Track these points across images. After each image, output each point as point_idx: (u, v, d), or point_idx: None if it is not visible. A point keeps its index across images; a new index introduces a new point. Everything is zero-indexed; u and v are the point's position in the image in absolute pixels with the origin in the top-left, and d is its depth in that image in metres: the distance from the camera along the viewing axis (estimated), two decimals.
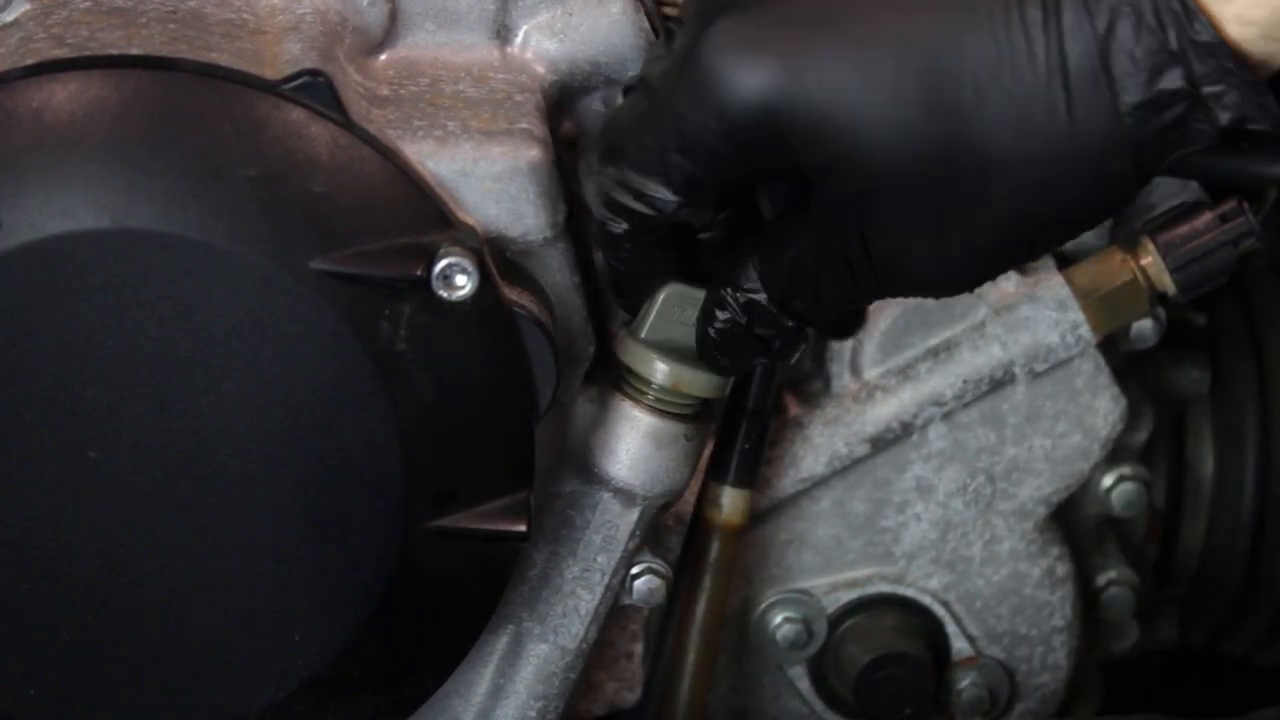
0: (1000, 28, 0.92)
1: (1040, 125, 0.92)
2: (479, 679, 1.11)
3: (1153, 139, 0.92)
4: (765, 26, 0.94)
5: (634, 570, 1.12)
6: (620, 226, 1.00)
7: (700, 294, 1.05)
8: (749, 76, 0.93)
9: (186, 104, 0.93)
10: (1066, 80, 0.92)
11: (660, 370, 1.06)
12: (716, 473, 1.15)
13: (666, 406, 1.06)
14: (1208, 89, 0.91)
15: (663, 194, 0.97)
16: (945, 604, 1.24)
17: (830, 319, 1.03)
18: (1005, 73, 0.92)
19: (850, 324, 1.12)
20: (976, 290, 1.17)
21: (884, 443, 1.20)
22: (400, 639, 1.00)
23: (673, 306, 1.05)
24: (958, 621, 1.24)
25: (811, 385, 1.22)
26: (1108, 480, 1.28)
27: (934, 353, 1.20)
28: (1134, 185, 0.94)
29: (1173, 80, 0.91)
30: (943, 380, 1.19)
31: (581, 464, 1.08)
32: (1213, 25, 0.90)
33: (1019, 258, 0.99)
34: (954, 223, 0.94)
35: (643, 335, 1.06)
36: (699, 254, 1.05)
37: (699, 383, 1.06)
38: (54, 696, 0.98)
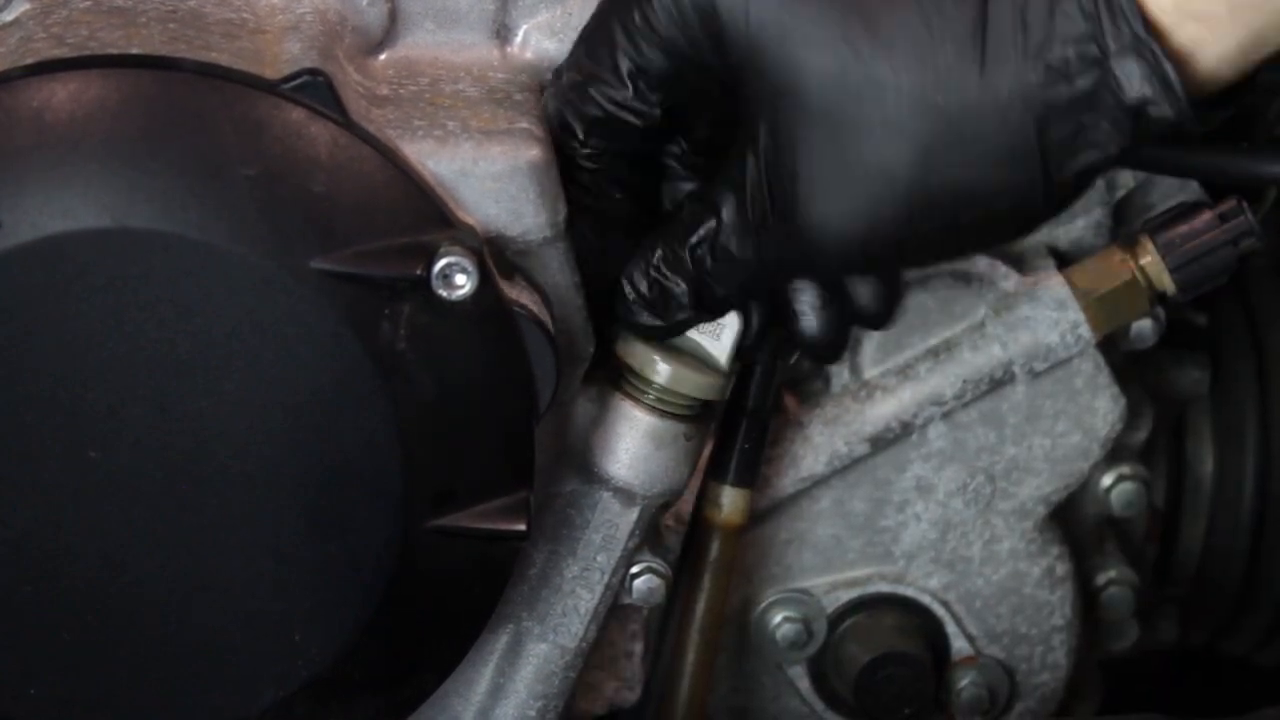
0: None
1: (948, 68, 0.92)
2: (479, 678, 1.11)
3: (1062, 113, 0.91)
4: None
5: (634, 569, 1.12)
6: (574, 135, 1.01)
7: None
8: None
9: (186, 104, 0.93)
10: (984, 27, 0.91)
11: (661, 370, 1.06)
12: (716, 472, 1.15)
13: (666, 406, 1.06)
14: (1116, 59, 0.90)
15: (613, 90, 0.99)
16: (945, 603, 1.24)
17: (733, 282, 1.01)
18: (927, 6, 0.92)
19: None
20: (975, 290, 1.18)
21: (884, 442, 1.21)
22: (400, 639, 1.00)
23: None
24: (957, 621, 1.24)
25: (811, 384, 1.22)
26: (1107, 480, 1.28)
27: (934, 352, 1.20)
28: (1038, 181, 0.93)
29: (1084, 42, 0.90)
30: (942, 380, 1.19)
31: (581, 463, 1.08)
32: None
33: (908, 238, 0.96)
34: (849, 156, 0.93)
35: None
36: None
37: (699, 384, 1.06)
38: (54, 696, 0.98)
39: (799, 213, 0.96)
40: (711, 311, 1.04)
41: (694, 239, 1.01)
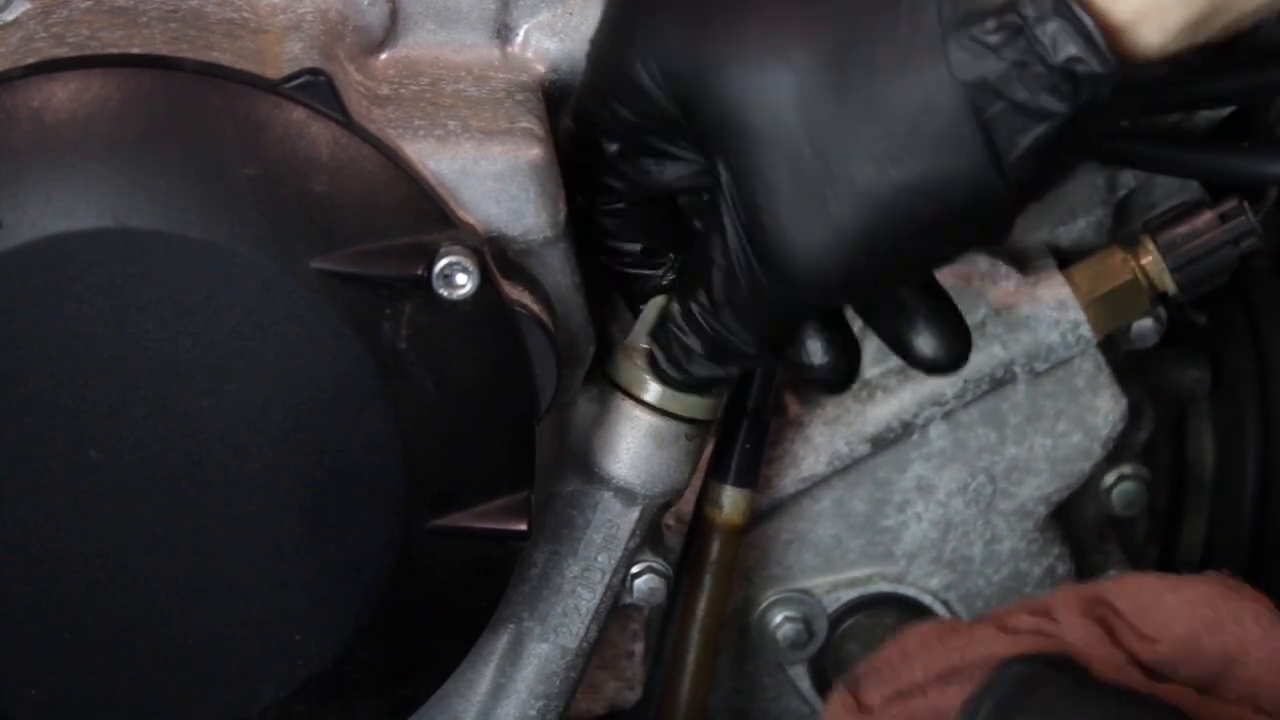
0: None
1: (868, 67, 0.91)
2: (480, 678, 1.11)
3: (994, 89, 0.89)
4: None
5: (635, 569, 1.12)
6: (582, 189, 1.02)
7: None
8: (645, 34, 0.96)
9: (187, 103, 0.93)
10: (909, 10, 0.90)
11: (652, 390, 1.06)
12: (717, 472, 1.15)
13: (664, 404, 1.06)
14: (1038, 26, 0.88)
15: (598, 147, 1.00)
16: (946, 603, 1.24)
17: (742, 328, 1.00)
18: (838, 8, 0.91)
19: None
20: (976, 290, 1.18)
21: (884, 442, 1.20)
22: (401, 639, 1.00)
23: (657, 313, 1.06)
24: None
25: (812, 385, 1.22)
26: (1108, 479, 1.28)
27: None
28: (984, 160, 0.90)
29: (1004, 12, 0.88)
30: (943, 379, 1.19)
31: (582, 463, 1.08)
32: None
33: (881, 247, 0.94)
34: (803, 176, 0.93)
35: (628, 341, 1.06)
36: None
37: (689, 404, 1.06)
38: (54, 697, 0.98)
39: (773, 245, 0.95)
40: (736, 364, 1.03)
41: (699, 293, 1.00)
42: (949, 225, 0.93)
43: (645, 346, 1.05)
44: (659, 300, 1.05)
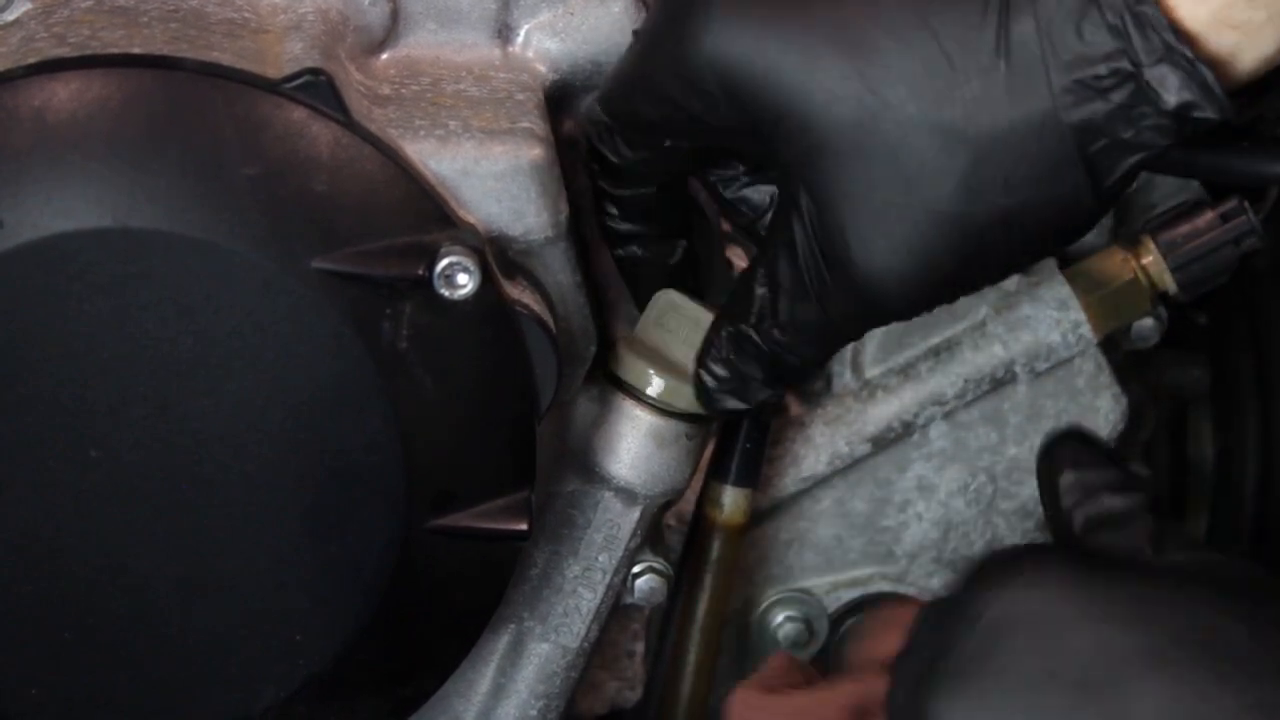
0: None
1: (977, 100, 0.91)
2: (480, 678, 1.11)
3: (1100, 128, 0.91)
4: None
5: (635, 569, 1.12)
6: (602, 182, 1.02)
7: (691, 307, 1.05)
8: (706, 28, 0.95)
9: (188, 103, 0.93)
10: (1009, 54, 0.91)
11: (656, 384, 1.05)
12: (718, 472, 1.15)
13: (666, 408, 1.06)
14: (1150, 70, 0.89)
15: (633, 151, 1.00)
16: None
17: (808, 348, 1.01)
18: (949, 44, 0.91)
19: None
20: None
21: (885, 442, 1.20)
22: (401, 639, 1.00)
23: (661, 311, 1.06)
24: None
25: (813, 384, 1.22)
26: None
27: (935, 352, 1.20)
28: (1084, 191, 0.92)
29: (1115, 57, 0.89)
30: (944, 379, 1.19)
31: (583, 463, 1.08)
32: (1161, 5, 0.89)
33: (968, 270, 0.96)
34: (892, 201, 0.93)
35: (634, 334, 1.06)
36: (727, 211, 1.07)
37: (691, 399, 1.06)
38: (54, 697, 0.98)
39: (855, 266, 0.95)
40: (794, 382, 1.03)
41: (755, 315, 1.00)
42: (1035, 242, 0.95)
43: (649, 339, 1.05)
44: (667, 293, 1.05)
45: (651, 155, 1.01)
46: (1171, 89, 0.89)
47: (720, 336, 1.02)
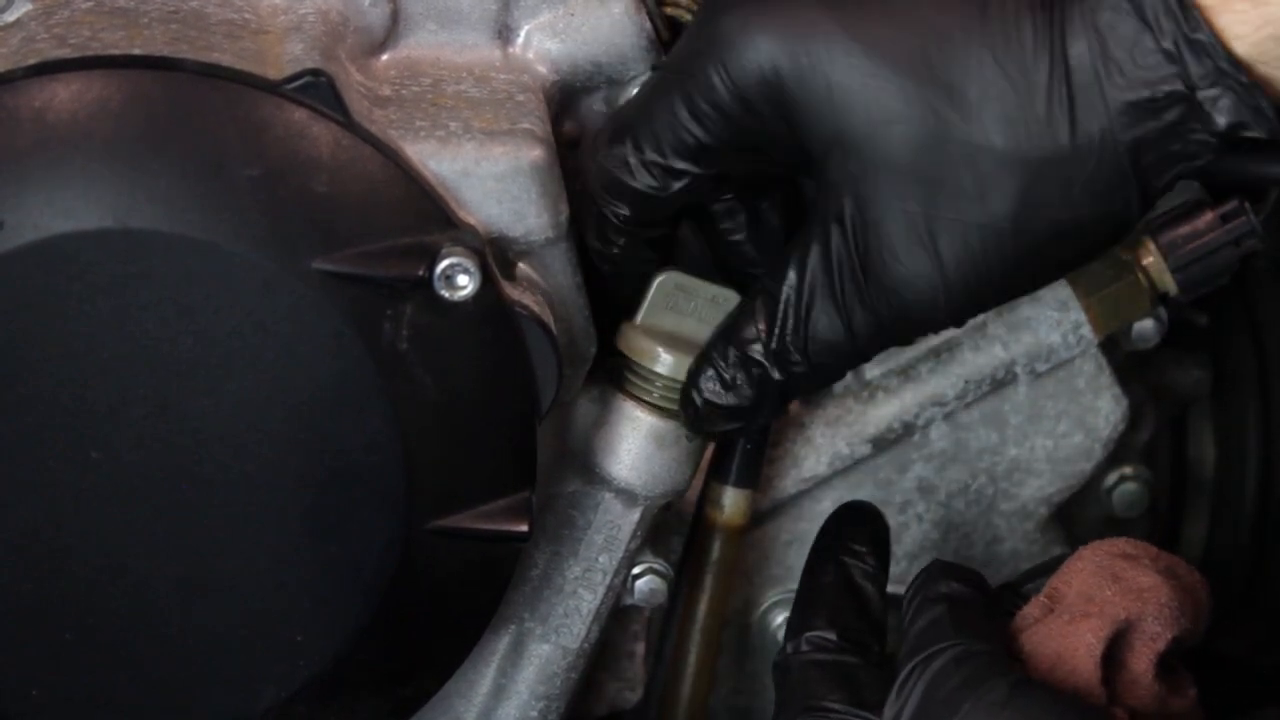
0: (1009, 23, 0.93)
1: (1037, 121, 0.93)
2: (481, 679, 1.11)
3: (1152, 144, 0.93)
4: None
5: (636, 570, 1.12)
6: (620, 211, 1.01)
7: (696, 284, 1.05)
8: (760, 39, 0.96)
9: (189, 104, 0.93)
10: (1067, 76, 0.93)
11: (665, 361, 1.05)
12: (718, 473, 1.15)
13: (670, 400, 1.06)
14: (1203, 92, 0.92)
15: (670, 162, 0.99)
16: None
17: (824, 367, 1.01)
18: (1009, 66, 0.93)
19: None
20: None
21: (885, 443, 1.20)
22: (402, 639, 1.00)
23: (667, 294, 1.06)
24: None
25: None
26: (1109, 480, 1.28)
27: (935, 353, 1.20)
28: (1134, 201, 0.95)
29: (1169, 80, 0.92)
30: (944, 380, 1.19)
31: (583, 464, 1.08)
32: (1214, 32, 0.91)
33: (1016, 279, 0.98)
34: (945, 217, 0.95)
35: (638, 321, 1.06)
36: (723, 254, 1.07)
37: None
38: (54, 697, 0.98)
39: (898, 278, 0.97)
40: (803, 395, 1.04)
41: (767, 333, 1.00)
42: (1081, 251, 0.98)
43: (657, 323, 1.06)
44: (671, 275, 1.05)
45: (676, 184, 1.00)
46: (1224, 111, 0.92)
47: (717, 356, 1.02)
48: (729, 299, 1.06)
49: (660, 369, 1.06)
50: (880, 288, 0.98)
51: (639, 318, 1.06)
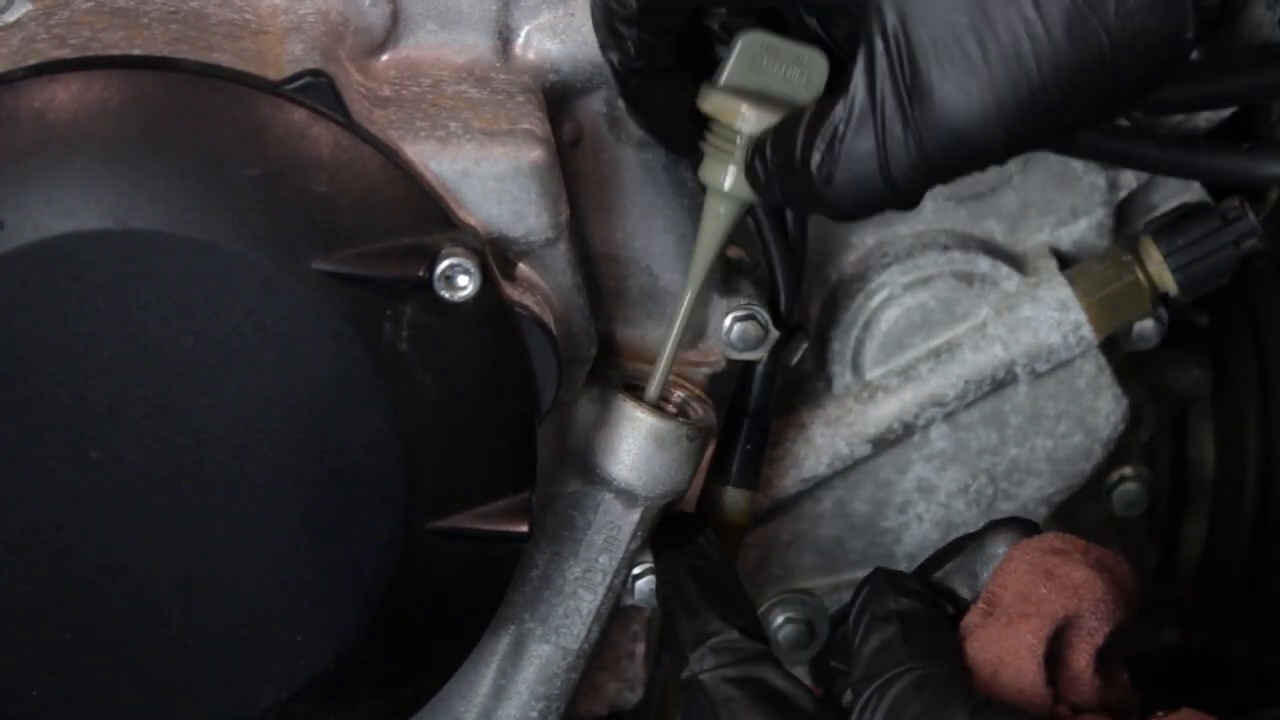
0: None
1: None
2: (481, 679, 1.11)
3: None
4: None
5: (636, 570, 1.12)
6: (629, 7, 0.97)
7: (781, 43, 1.01)
8: None
9: (189, 104, 0.93)
10: None
11: (749, 118, 1.01)
12: (718, 473, 1.15)
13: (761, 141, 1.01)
14: None
15: None
16: None
17: (856, 198, 0.95)
18: None
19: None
20: (977, 291, 1.18)
21: (886, 443, 1.20)
22: (402, 640, 1.00)
23: (752, 54, 1.02)
24: None
25: (813, 385, 1.22)
26: (1109, 480, 1.28)
27: (935, 353, 1.20)
28: (1189, 18, 0.90)
29: None
30: (944, 380, 1.19)
31: (583, 464, 1.08)
32: None
33: (1071, 102, 0.91)
34: (995, 24, 0.90)
35: (721, 82, 1.02)
36: None
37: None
38: (54, 697, 0.98)
39: (939, 97, 0.91)
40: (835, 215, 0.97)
41: (810, 138, 0.94)
42: (1135, 83, 0.92)
43: (741, 83, 1.02)
44: (755, 35, 1.01)
45: None
46: None
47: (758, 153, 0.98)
48: (815, 60, 1.02)
49: (743, 126, 1.01)
50: (926, 110, 0.91)
51: (722, 78, 1.02)
